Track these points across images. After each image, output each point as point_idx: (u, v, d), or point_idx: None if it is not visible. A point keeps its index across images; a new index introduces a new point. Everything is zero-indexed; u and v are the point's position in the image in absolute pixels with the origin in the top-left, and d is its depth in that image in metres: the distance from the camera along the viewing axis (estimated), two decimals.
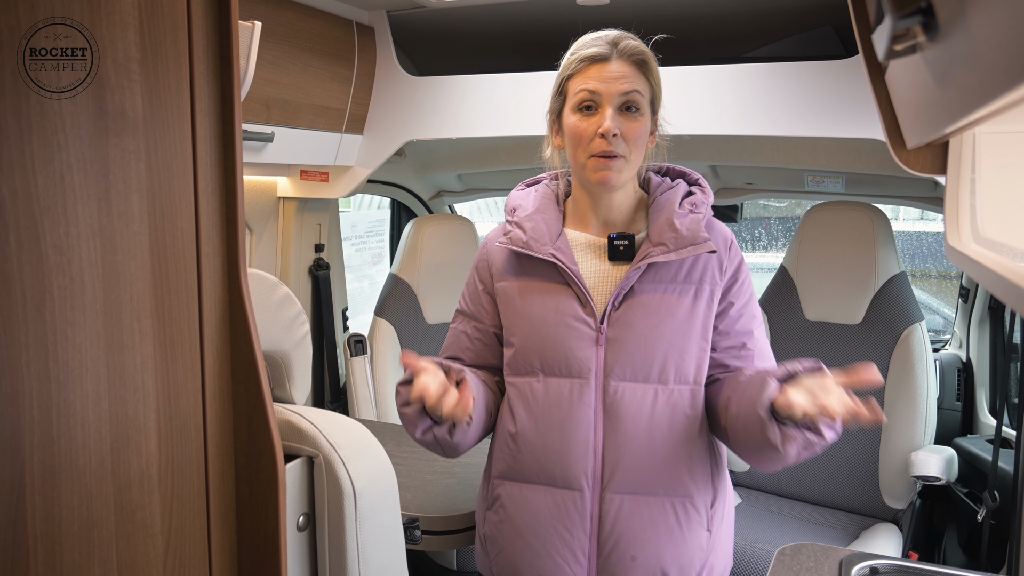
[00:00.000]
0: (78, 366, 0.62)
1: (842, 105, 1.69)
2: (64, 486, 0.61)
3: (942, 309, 3.57)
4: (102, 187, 0.63)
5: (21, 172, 0.57)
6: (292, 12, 1.85)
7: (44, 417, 0.60)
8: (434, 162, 2.97)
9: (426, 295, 2.57)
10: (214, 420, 0.75)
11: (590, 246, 1.29)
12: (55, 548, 0.61)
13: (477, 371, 1.36)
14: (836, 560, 1.28)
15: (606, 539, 1.22)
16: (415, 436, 1.23)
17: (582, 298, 1.23)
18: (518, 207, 1.33)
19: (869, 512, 2.15)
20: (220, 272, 0.74)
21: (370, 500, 0.88)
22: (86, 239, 0.62)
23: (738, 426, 1.16)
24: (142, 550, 0.68)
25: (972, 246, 0.72)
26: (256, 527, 0.78)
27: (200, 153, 0.71)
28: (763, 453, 1.14)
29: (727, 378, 1.26)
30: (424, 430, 1.22)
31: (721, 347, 1.27)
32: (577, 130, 1.22)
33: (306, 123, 1.97)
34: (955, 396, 2.48)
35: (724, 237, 1.29)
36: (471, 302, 1.38)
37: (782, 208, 4.32)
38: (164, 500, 0.70)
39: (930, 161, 0.87)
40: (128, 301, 0.65)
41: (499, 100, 2.01)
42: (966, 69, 0.44)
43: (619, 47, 1.21)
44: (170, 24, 0.67)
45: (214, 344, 0.74)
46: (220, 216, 0.74)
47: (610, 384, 1.21)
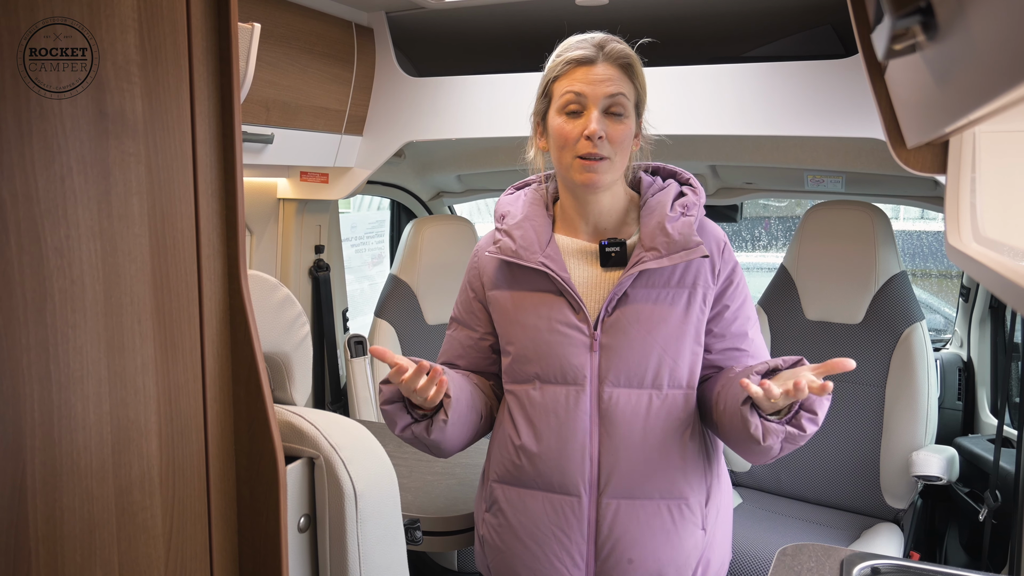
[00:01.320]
0: (79, 368, 0.62)
1: (842, 104, 1.69)
2: (66, 488, 0.61)
3: (943, 308, 3.57)
4: (102, 189, 0.63)
5: (21, 175, 0.57)
6: (291, 14, 1.85)
7: (45, 419, 0.60)
8: (433, 163, 2.97)
9: (426, 296, 2.57)
10: (215, 422, 0.75)
11: (581, 252, 1.29)
12: (57, 550, 0.61)
13: (471, 375, 1.36)
14: (837, 560, 1.28)
15: (603, 543, 1.22)
16: (395, 432, 1.24)
17: (575, 305, 1.23)
18: (507, 213, 1.33)
19: (870, 512, 2.15)
20: (220, 274, 0.74)
21: (371, 501, 0.88)
22: (87, 241, 0.62)
23: (725, 420, 1.18)
24: (143, 552, 0.68)
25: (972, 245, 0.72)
26: (257, 528, 0.78)
27: (200, 155, 0.71)
28: (747, 445, 1.16)
29: (720, 373, 1.27)
30: (403, 427, 1.23)
31: (716, 349, 1.28)
32: (562, 132, 1.21)
33: (306, 124, 1.97)
34: (956, 395, 2.48)
35: (716, 239, 1.28)
36: (464, 310, 1.38)
37: (782, 208, 4.32)
38: (165, 502, 0.70)
39: (930, 160, 0.87)
40: (129, 303, 0.65)
41: (498, 101, 2.01)
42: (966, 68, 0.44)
43: (605, 50, 1.21)
44: (169, 26, 0.67)
45: (215, 346, 0.74)
46: (220, 218, 0.74)
47: (604, 390, 1.22)
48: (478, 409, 1.31)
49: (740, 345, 1.28)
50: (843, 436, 2.19)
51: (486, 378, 1.39)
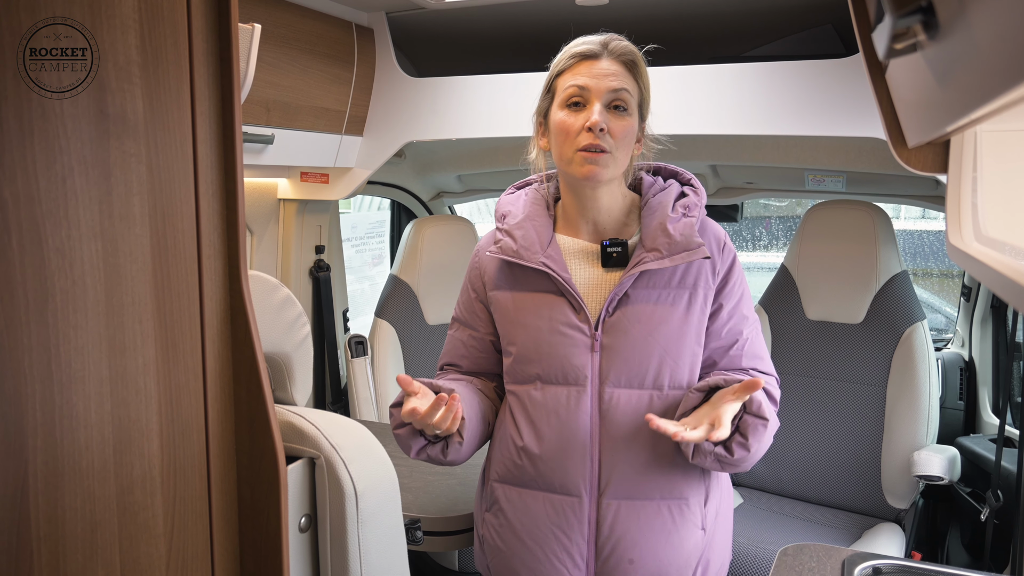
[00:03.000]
0: (80, 368, 0.62)
1: (842, 104, 1.69)
2: (67, 488, 0.61)
3: (944, 308, 3.57)
4: (103, 190, 0.63)
5: (23, 175, 0.57)
6: (291, 14, 1.85)
7: (47, 419, 0.60)
8: (434, 163, 2.97)
9: (426, 296, 2.57)
10: (216, 422, 0.75)
11: (582, 252, 1.29)
12: (59, 549, 0.61)
13: (474, 379, 1.36)
14: (839, 560, 1.28)
15: (604, 543, 1.22)
16: (410, 455, 1.26)
17: (575, 305, 1.23)
18: (508, 213, 1.32)
19: (871, 512, 2.15)
20: (221, 274, 0.74)
21: (371, 501, 0.88)
22: (88, 242, 0.62)
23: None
24: (145, 551, 0.68)
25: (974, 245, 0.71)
26: (258, 528, 0.78)
27: (201, 155, 0.71)
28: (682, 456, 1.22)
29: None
30: (418, 450, 1.25)
31: (710, 347, 1.28)
32: (564, 125, 1.21)
33: (306, 125, 1.97)
34: (957, 395, 2.48)
35: (717, 237, 1.28)
36: (465, 310, 1.38)
37: (783, 207, 4.32)
38: (166, 501, 0.70)
39: (931, 159, 0.87)
40: (130, 303, 0.66)
41: (498, 101, 2.01)
42: (967, 67, 0.44)
43: (609, 47, 1.21)
44: (170, 27, 0.67)
45: (215, 346, 0.74)
46: (221, 218, 0.74)
47: (605, 391, 1.22)
48: (487, 418, 1.32)
49: (735, 343, 1.28)
50: (844, 436, 2.19)
51: (489, 379, 1.39)
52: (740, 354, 1.28)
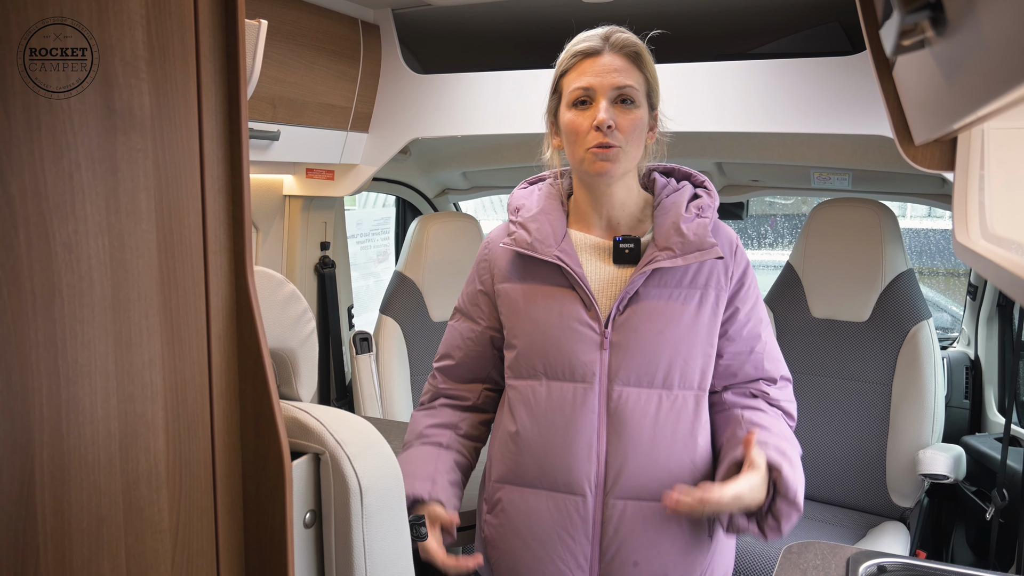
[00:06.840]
0: (87, 363, 0.62)
1: (849, 101, 1.68)
2: (73, 482, 0.62)
3: (950, 307, 3.56)
4: (110, 185, 0.63)
5: (31, 171, 0.57)
6: (298, 10, 1.86)
7: (54, 414, 0.60)
8: (439, 160, 2.97)
9: (431, 293, 2.58)
10: (221, 417, 0.75)
11: (595, 248, 1.28)
12: (65, 544, 0.61)
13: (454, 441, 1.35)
14: (843, 558, 1.28)
15: (608, 544, 1.21)
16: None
17: (587, 301, 1.22)
18: (522, 207, 1.32)
19: (876, 510, 2.14)
20: (227, 270, 0.75)
21: (376, 497, 0.88)
22: (94, 237, 0.62)
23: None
24: (150, 546, 0.68)
25: (980, 242, 0.71)
26: (263, 524, 0.79)
27: (207, 151, 0.71)
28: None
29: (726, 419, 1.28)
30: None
31: (729, 352, 1.27)
32: (573, 125, 1.21)
33: (312, 121, 1.97)
34: (963, 394, 2.47)
35: (730, 241, 1.28)
36: (468, 302, 1.38)
37: (788, 205, 4.31)
38: (172, 496, 0.70)
39: (938, 157, 0.87)
40: (136, 299, 0.66)
41: (504, 98, 2.01)
42: (975, 64, 0.44)
43: (611, 40, 1.21)
44: (177, 23, 0.67)
45: (221, 341, 0.74)
46: (227, 214, 0.74)
47: (614, 389, 1.21)
48: (465, 482, 1.37)
49: (754, 347, 1.27)
50: (849, 434, 2.19)
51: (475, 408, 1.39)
52: (760, 357, 1.28)
